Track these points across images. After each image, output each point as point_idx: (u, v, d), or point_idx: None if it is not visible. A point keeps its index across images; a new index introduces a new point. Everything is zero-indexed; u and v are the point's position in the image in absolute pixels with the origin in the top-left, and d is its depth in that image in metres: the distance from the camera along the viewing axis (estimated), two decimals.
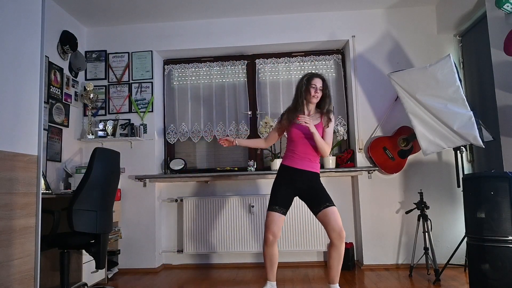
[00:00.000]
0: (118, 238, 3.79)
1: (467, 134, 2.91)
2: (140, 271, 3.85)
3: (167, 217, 4.10)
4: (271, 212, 2.65)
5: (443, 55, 3.51)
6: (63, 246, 2.65)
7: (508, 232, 2.45)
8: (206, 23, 4.10)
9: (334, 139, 4.04)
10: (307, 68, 4.20)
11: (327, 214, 2.55)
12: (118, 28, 4.18)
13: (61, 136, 3.67)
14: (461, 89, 2.93)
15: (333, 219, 2.53)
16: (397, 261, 3.71)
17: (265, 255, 2.71)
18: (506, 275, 2.42)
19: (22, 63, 1.89)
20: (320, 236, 3.81)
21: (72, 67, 3.89)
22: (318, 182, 2.71)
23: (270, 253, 2.70)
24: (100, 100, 4.10)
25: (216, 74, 4.29)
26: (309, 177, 2.70)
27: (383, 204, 3.77)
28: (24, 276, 1.84)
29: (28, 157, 1.90)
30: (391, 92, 3.79)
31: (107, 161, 2.70)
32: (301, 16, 4.03)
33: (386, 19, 3.97)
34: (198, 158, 4.28)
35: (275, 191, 2.70)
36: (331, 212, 2.54)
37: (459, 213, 3.64)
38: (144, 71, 4.11)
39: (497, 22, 2.94)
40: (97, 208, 2.62)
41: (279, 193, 2.68)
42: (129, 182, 3.97)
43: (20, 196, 1.83)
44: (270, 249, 2.69)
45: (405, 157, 3.70)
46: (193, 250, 3.92)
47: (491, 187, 2.53)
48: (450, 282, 3.09)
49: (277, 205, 2.65)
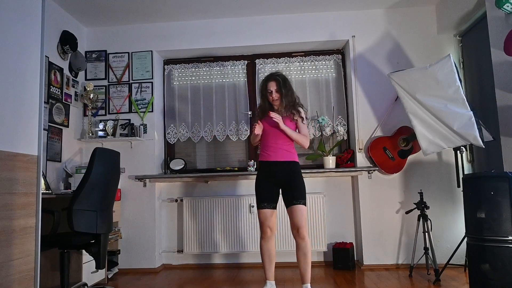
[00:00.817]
0: (118, 238, 3.79)
1: (467, 134, 2.91)
2: (140, 271, 3.85)
3: (167, 217, 4.10)
4: (261, 210, 2.75)
5: (443, 55, 3.51)
6: (63, 246, 2.65)
7: (508, 232, 2.45)
8: (206, 23, 4.10)
9: (334, 139, 4.05)
10: (307, 68, 4.20)
11: (293, 211, 2.66)
12: (118, 28, 4.18)
13: (61, 136, 3.67)
14: (461, 89, 2.93)
15: (295, 216, 2.64)
16: (397, 261, 3.71)
17: (262, 251, 2.76)
18: (506, 275, 2.42)
19: (22, 63, 1.89)
20: (320, 236, 3.81)
21: (72, 67, 3.89)
22: (296, 174, 2.76)
23: (267, 248, 2.75)
24: (100, 100, 4.10)
25: (216, 74, 4.29)
26: (287, 167, 2.76)
27: (383, 204, 3.77)
28: (24, 276, 1.84)
29: (28, 157, 1.90)
30: (391, 92, 3.79)
31: (107, 161, 2.70)
32: (301, 16, 4.03)
33: (386, 19, 3.97)
34: (198, 158, 4.28)
35: (258, 189, 2.78)
36: (296, 210, 2.65)
37: (459, 213, 3.64)
38: (144, 71, 4.11)
39: (497, 22, 2.94)
40: (97, 208, 2.62)
41: (262, 190, 2.77)
42: (129, 182, 3.97)
43: (20, 196, 1.83)
44: (267, 244, 2.75)
45: (405, 157, 3.70)
46: (193, 250, 3.92)
47: (491, 187, 2.53)
48: (450, 282, 3.08)
49: (265, 202, 2.74)
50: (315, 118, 4.06)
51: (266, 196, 2.75)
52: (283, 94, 2.75)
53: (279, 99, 2.77)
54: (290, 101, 2.77)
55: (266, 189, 2.76)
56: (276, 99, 2.77)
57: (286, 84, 2.78)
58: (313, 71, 4.21)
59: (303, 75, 4.21)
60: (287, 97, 2.76)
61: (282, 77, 2.78)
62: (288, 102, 2.76)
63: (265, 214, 2.73)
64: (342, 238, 3.93)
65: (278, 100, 2.78)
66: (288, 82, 2.81)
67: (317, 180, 4.00)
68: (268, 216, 2.73)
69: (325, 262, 3.91)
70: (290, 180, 2.73)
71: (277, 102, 2.78)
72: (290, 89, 2.79)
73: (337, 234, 3.94)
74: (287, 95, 2.76)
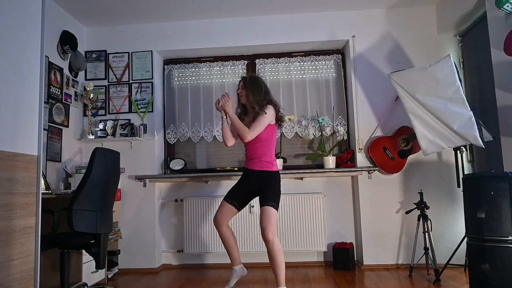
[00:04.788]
0: (118, 238, 3.79)
1: (467, 134, 2.91)
2: (140, 271, 3.85)
3: (167, 217, 4.10)
4: (222, 201, 2.96)
5: (443, 55, 3.51)
6: (63, 246, 2.65)
7: (508, 232, 2.45)
8: (206, 23, 4.10)
9: (334, 139, 4.05)
10: (307, 68, 4.20)
11: (261, 212, 2.76)
12: (118, 28, 4.18)
13: (61, 136, 3.67)
14: (461, 89, 2.93)
15: (261, 217, 2.74)
16: (397, 261, 3.71)
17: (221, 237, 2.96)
18: (506, 275, 2.42)
19: (22, 63, 1.89)
20: (320, 236, 3.81)
21: (72, 67, 3.89)
22: (268, 181, 2.83)
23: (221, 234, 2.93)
24: (100, 100, 4.10)
25: (216, 74, 4.29)
26: (259, 176, 2.87)
27: (383, 204, 3.77)
28: (24, 276, 1.84)
29: (28, 157, 1.90)
30: (391, 92, 3.79)
31: (107, 161, 2.70)
32: (301, 16, 4.03)
33: (386, 19, 3.97)
34: (198, 158, 4.28)
35: (233, 186, 3.00)
36: (262, 211, 2.74)
37: (459, 213, 3.64)
38: (144, 71, 4.11)
39: (497, 22, 2.94)
40: (97, 208, 2.62)
41: (235, 188, 2.98)
42: (129, 182, 3.97)
43: (20, 196, 1.83)
44: (220, 231, 2.93)
45: (405, 157, 3.70)
46: (193, 250, 3.92)
47: (491, 187, 2.53)
48: (450, 282, 3.09)
49: (230, 197, 2.94)
50: (315, 118, 4.06)
51: (234, 193, 2.95)
52: (247, 91, 2.87)
53: (244, 96, 2.90)
54: (257, 100, 2.84)
55: (238, 189, 2.96)
56: (242, 96, 2.93)
57: (254, 84, 2.89)
58: (313, 71, 4.21)
59: (303, 75, 4.21)
60: (251, 95, 2.84)
61: (251, 77, 2.95)
62: (252, 100, 2.84)
63: (223, 205, 2.93)
64: (342, 238, 3.93)
65: (243, 97, 2.91)
66: (258, 83, 2.90)
67: (317, 180, 4.00)
68: (223, 209, 2.91)
69: (325, 262, 3.91)
70: (263, 186, 2.84)
71: (243, 99, 2.92)
72: (258, 89, 2.87)
73: (337, 234, 3.94)
74: (253, 94, 2.85)
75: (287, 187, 3.95)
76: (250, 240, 3.85)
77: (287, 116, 3.93)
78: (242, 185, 2.96)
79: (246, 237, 3.86)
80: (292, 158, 4.16)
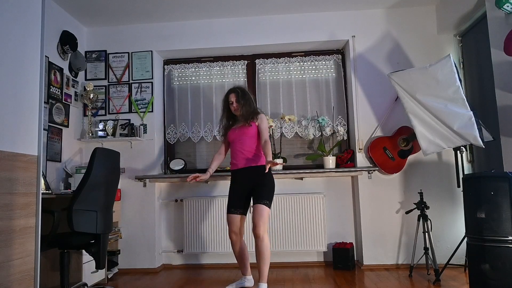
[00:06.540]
0: (118, 238, 3.79)
1: (467, 134, 2.91)
2: (140, 271, 3.85)
3: (167, 217, 4.10)
4: (228, 214, 3.02)
5: (443, 55, 3.51)
6: (63, 246, 2.65)
7: (508, 232, 2.45)
8: (206, 23, 4.10)
9: (334, 139, 4.06)
10: (307, 68, 4.20)
11: (254, 209, 2.87)
12: (118, 28, 4.18)
13: (61, 136, 3.67)
14: (461, 89, 2.93)
15: (254, 214, 2.85)
16: (397, 261, 3.71)
17: (234, 253, 3.09)
18: (506, 275, 2.42)
19: (22, 63, 1.89)
20: (320, 236, 3.81)
21: (72, 67, 3.89)
22: (262, 178, 2.94)
23: (236, 250, 3.06)
24: (100, 100, 4.10)
25: (216, 74, 4.29)
26: (252, 172, 2.99)
27: (383, 204, 3.77)
28: (24, 276, 1.84)
29: (28, 157, 1.90)
30: (391, 92, 3.79)
31: (107, 161, 2.70)
32: (301, 16, 4.03)
33: (386, 19, 3.97)
34: (198, 158, 4.29)
35: (229, 196, 3.06)
36: (255, 208, 2.86)
37: (459, 213, 3.64)
38: (144, 71, 4.11)
39: (497, 22, 2.94)
40: (97, 208, 2.62)
41: (231, 197, 3.04)
42: (129, 182, 3.97)
43: (20, 196, 1.83)
44: (235, 248, 3.05)
45: (405, 157, 3.70)
46: (193, 250, 3.92)
47: (491, 187, 2.53)
48: (450, 282, 3.09)
49: (232, 207, 3.01)
50: (315, 118, 4.06)
51: (234, 202, 3.01)
52: (241, 104, 3.06)
53: (238, 108, 3.07)
54: (248, 110, 3.05)
55: (235, 195, 3.02)
56: (236, 109, 3.09)
57: (245, 96, 3.09)
58: (313, 71, 4.21)
59: (303, 75, 4.21)
60: (245, 107, 3.06)
61: (241, 90, 3.12)
62: (246, 111, 3.05)
63: (230, 218, 3.00)
64: (342, 238, 3.94)
65: (237, 110, 3.09)
66: (248, 95, 3.12)
67: (317, 180, 4.00)
68: (232, 221, 2.99)
69: (325, 262, 3.91)
70: (257, 182, 2.95)
71: (237, 112, 3.10)
72: (248, 99, 3.10)
73: (337, 234, 3.95)
74: (245, 105, 3.06)
75: (287, 187, 3.96)
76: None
77: (287, 116, 3.94)
78: (237, 189, 3.04)
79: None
80: (292, 158, 4.16)
